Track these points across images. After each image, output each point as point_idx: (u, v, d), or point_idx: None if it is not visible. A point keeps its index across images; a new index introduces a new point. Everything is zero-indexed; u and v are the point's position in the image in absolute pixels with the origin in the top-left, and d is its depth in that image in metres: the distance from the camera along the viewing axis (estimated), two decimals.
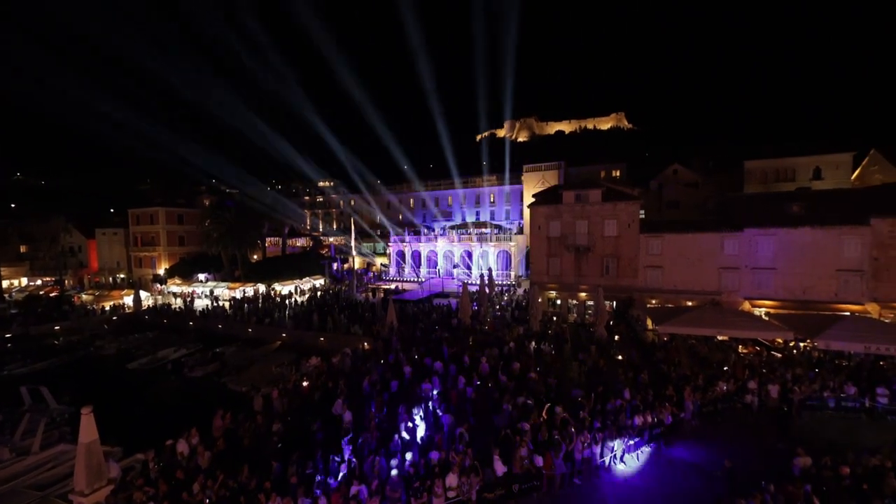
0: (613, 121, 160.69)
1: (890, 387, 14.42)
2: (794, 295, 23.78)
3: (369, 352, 20.85)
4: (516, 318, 26.33)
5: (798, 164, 36.42)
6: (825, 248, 23.53)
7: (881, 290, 22.32)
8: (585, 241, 29.57)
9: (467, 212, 53.89)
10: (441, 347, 19.41)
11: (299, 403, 15.11)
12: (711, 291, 25.34)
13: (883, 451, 10.58)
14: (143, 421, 16.58)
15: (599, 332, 20.88)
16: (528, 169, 46.50)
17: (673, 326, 19.07)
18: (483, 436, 11.92)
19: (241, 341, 28.72)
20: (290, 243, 58.03)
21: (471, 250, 42.58)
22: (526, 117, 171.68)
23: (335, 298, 36.01)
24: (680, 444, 12.89)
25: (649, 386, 15.03)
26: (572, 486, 10.98)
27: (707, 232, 26.42)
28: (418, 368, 17.25)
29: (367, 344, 22.27)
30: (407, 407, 13.14)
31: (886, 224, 22.36)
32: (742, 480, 10.02)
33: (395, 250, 45.88)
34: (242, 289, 40.86)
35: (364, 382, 15.71)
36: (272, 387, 16.48)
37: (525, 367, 16.58)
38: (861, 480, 9.48)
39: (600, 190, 29.88)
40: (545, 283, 30.50)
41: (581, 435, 11.36)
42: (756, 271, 24.95)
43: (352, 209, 60.50)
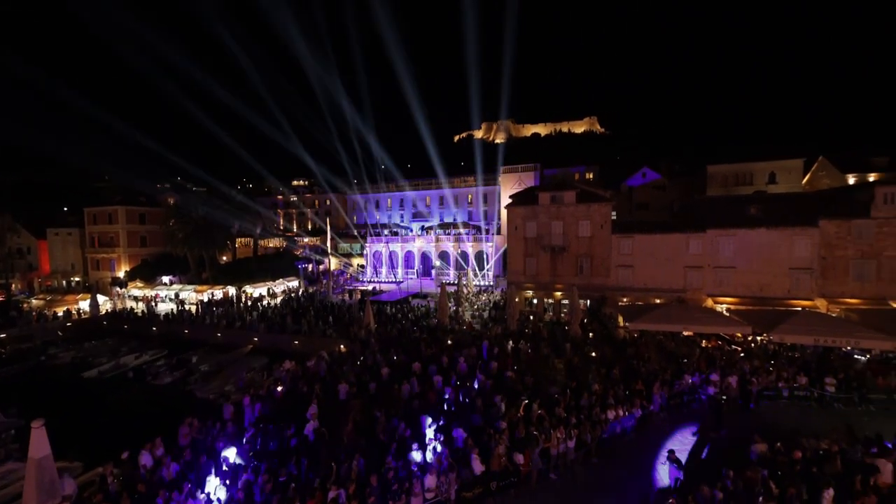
0: (587, 124, 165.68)
1: (836, 376, 15.62)
2: (752, 292, 25.30)
3: (346, 354, 20.50)
4: (494, 317, 26.63)
5: (755, 168, 38.78)
6: (779, 248, 25.18)
7: (828, 287, 24.12)
8: (561, 242, 30.29)
9: (445, 212, 54.00)
10: (419, 348, 19.37)
11: (273, 409, 14.66)
12: (678, 289, 26.57)
13: (830, 435, 11.43)
14: (105, 433, 15.60)
15: (574, 331, 21.44)
16: (505, 170, 47.17)
17: (643, 323, 19.85)
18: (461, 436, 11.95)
19: (209, 346, 27.55)
20: (262, 244, 56.22)
21: (449, 251, 42.69)
22: (503, 119, 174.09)
23: (310, 300, 35.20)
24: (650, 435, 13.42)
25: (621, 381, 15.57)
26: (548, 480, 11.22)
27: (673, 233, 27.68)
28: (396, 369, 17.13)
29: (344, 346, 21.89)
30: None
31: (832, 226, 24.18)
32: (704, 468, 10.59)
33: (372, 251, 45.37)
34: (211, 291, 39.21)
35: (340, 388, 15.42)
36: (243, 393, 15.90)
37: (503, 367, 16.80)
38: (811, 464, 10.20)
39: (574, 191, 30.70)
40: (522, 282, 31.01)
41: (556, 430, 11.63)
42: (718, 270, 26.38)
43: (327, 209, 59.29)
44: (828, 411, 14.64)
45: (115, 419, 17.55)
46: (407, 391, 14.66)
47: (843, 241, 24.01)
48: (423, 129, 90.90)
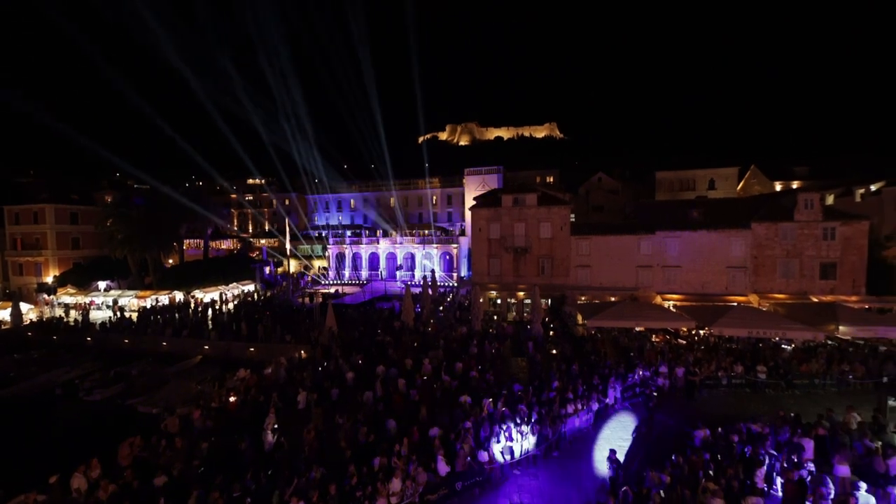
0: (547, 130, 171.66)
1: (766, 364, 17.24)
2: (695, 289, 27.37)
3: (306, 360, 19.73)
4: (459, 318, 26.79)
5: (697, 175, 42.08)
6: (718, 249, 27.46)
7: (759, 283, 26.64)
8: (523, 243, 31.10)
9: (410, 214, 53.68)
10: (384, 351, 19.06)
11: (225, 422, 13.77)
12: (631, 287, 28.16)
13: (762, 418, 12.57)
14: (31, 457, 13.88)
15: (536, 329, 22.06)
16: (469, 172, 47.73)
17: (599, 320, 20.83)
18: (427, 437, 11.88)
19: (153, 357, 25.39)
20: (213, 246, 52.87)
21: (414, 252, 42.46)
22: (467, 122, 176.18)
23: (268, 305, 33.55)
24: (607, 426, 14.07)
25: (580, 376, 16.21)
26: (512, 477, 11.42)
27: (626, 234, 29.36)
28: (361, 374, 16.73)
29: (304, 352, 21.05)
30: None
31: (762, 228, 26.75)
32: (654, 455, 11.27)
33: (335, 253, 44.12)
34: (155, 297, 36.24)
35: (299, 395, 14.80)
36: (192, 406, 14.80)
37: (467, 367, 16.92)
38: (746, 445, 11.16)
39: (536, 194, 31.68)
40: (486, 283, 31.47)
41: (519, 427, 11.87)
42: (666, 269, 28.30)
43: (287, 209, 56.89)
44: (760, 396, 16.11)
45: (40, 442, 15.66)
46: (370, 396, 14.34)
47: (771, 242, 26.63)
48: (385, 130, 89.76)
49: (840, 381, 16.51)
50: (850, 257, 25.42)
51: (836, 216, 26.28)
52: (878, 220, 28.07)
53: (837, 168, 39.55)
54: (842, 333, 18.47)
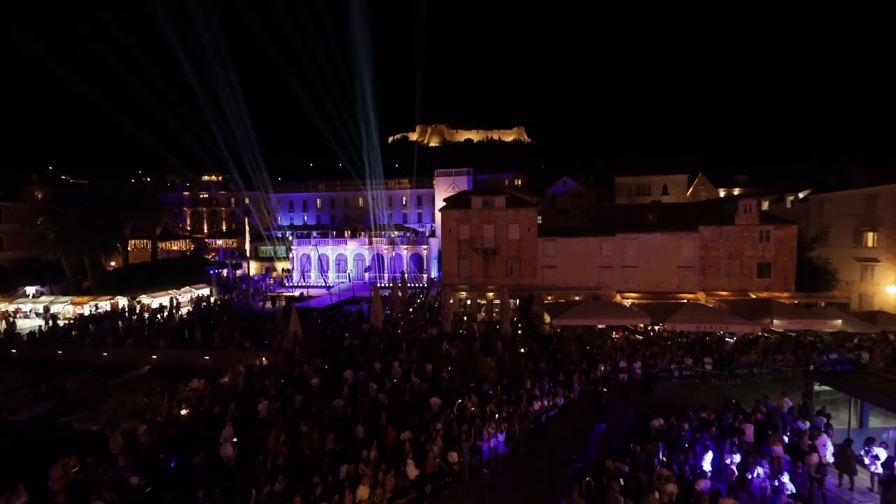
0: (516, 134, 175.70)
1: (712, 356, 18.65)
2: (650, 287, 29.09)
3: (268, 367, 18.85)
4: (429, 319, 26.74)
5: (652, 181, 44.78)
6: (670, 250, 29.38)
7: (706, 282, 28.79)
8: (493, 244, 31.62)
9: (379, 214, 52.96)
10: (352, 355, 18.63)
11: (176, 436, 12.84)
12: (593, 287, 29.45)
13: (709, 406, 13.57)
14: None
15: (505, 329, 22.47)
16: (439, 174, 47.86)
17: (564, 319, 21.61)
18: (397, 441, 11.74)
19: (92, 369, 23.15)
20: (163, 246, 49.28)
21: (383, 253, 41.89)
22: (437, 123, 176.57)
23: (225, 310, 31.71)
24: (572, 421, 14.58)
25: (546, 374, 16.70)
26: (481, 476, 11.53)
27: (589, 236, 30.70)
28: (327, 379, 16.23)
29: (266, 359, 20.11)
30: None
31: (709, 231, 28.94)
32: (615, 445, 11.84)
33: (300, 254, 42.59)
34: (94, 303, 33.12)
35: (260, 405, 14.10)
36: (137, 421, 13.66)
37: (437, 368, 16.91)
38: (695, 431, 12.00)
39: (505, 196, 32.34)
40: (456, 284, 31.65)
41: (488, 426, 12.03)
42: (625, 269, 29.87)
43: (246, 208, 54.18)
44: (707, 386, 17.40)
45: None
46: (339, 403, 13.94)
47: (716, 243, 28.87)
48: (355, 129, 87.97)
49: (774, 369, 18.20)
50: (782, 258, 28.11)
51: (770, 220, 28.98)
52: (805, 224, 31.25)
53: (772, 176, 43.69)
54: (775, 326, 20.41)
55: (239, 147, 52.66)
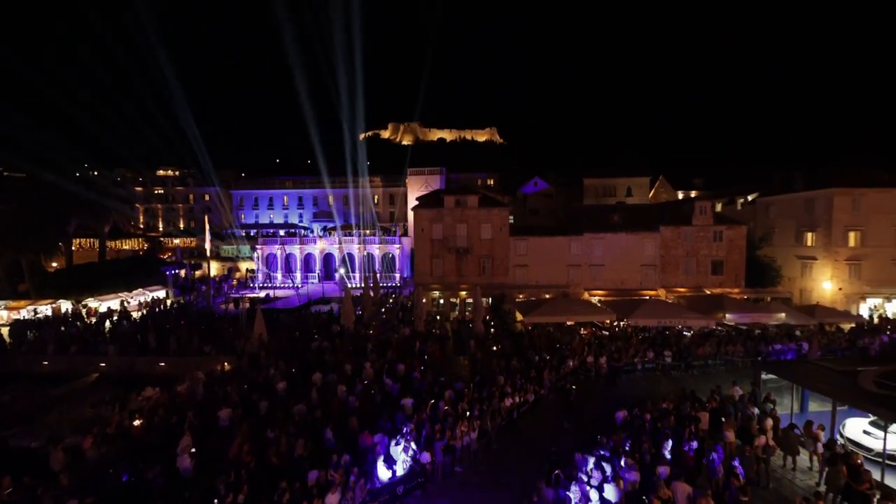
0: (488, 134, 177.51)
1: (671, 349, 19.67)
2: (615, 285, 30.31)
3: (230, 372, 17.98)
4: (402, 319, 26.50)
5: (617, 183, 46.67)
6: (634, 249, 30.74)
7: (667, 279, 30.37)
8: (465, 243, 31.79)
9: (350, 212, 51.88)
10: (321, 357, 18.12)
11: (127, 449, 11.97)
12: (562, 285, 30.30)
13: (668, 397, 14.30)
14: None
15: (477, 328, 22.65)
16: (412, 172, 47.52)
17: (535, 317, 22.08)
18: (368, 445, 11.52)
19: (31, 379, 21.16)
20: (112, 246, 45.85)
21: (354, 253, 41.09)
22: (410, 121, 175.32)
23: (183, 313, 29.95)
24: (543, 416, 14.90)
25: (518, 371, 16.98)
26: (454, 474, 11.55)
27: (559, 236, 31.55)
28: (294, 383, 15.68)
29: (228, 363, 19.17)
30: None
31: (669, 231, 30.53)
32: (584, 437, 12.24)
33: (265, 253, 40.96)
34: (32, 307, 30.31)
35: (222, 413, 13.41)
36: (83, 434, 12.61)
37: (410, 368, 16.77)
38: (656, 421, 12.61)
39: (477, 196, 32.60)
40: (429, 283, 31.57)
41: (461, 424, 12.06)
42: (592, 267, 30.94)
43: (207, 205, 51.48)
44: (667, 378, 18.33)
45: None
46: (303, 409, 13.50)
47: (675, 243, 30.50)
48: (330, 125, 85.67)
49: (727, 360, 19.47)
50: (734, 256, 30.13)
51: (723, 221, 30.98)
52: (753, 224, 33.66)
53: (726, 180, 46.73)
54: (727, 320, 21.86)
55: (199, 141, 49.84)
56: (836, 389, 11.79)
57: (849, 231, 28.46)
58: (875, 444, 10.65)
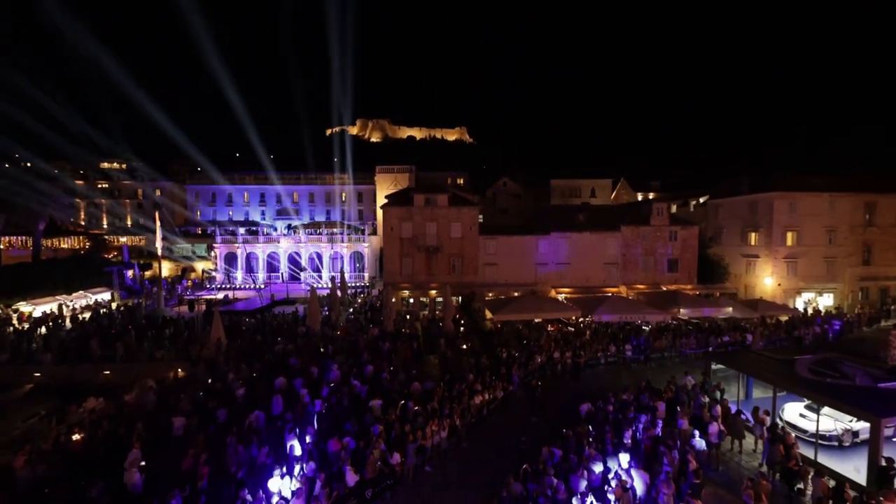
0: (458, 133, 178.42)
1: (632, 343, 20.65)
2: (580, 282, 31.40)
3: (184, 380, 16.87)
4: (370, 319, 26.02)
5: (582, 184, 48.42)
6: (597, 248, 31.99)
7: (627, 277, 31.85)
8: (435, 242, 31.70)
9: (317, 210, 50.28)
10: (286, 361, 17.40)
11: (67, 467, 10.90)
12: (530, 283, 30.98)
13: (629, 389, 14.97)
14: None
15: (447, 326, 22.65)
16: (381, 170, 46.76)
17: (504, 315, 22.41)
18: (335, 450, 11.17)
19: None
20: (48, 244, 41.71)
21: (321, 252, 39.88)
22: (379, 118, 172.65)
23: (130, 317, 27.78)
24: (511, 412, 15.12)
25: (488, 368, 17.13)
26: (424, 474, 11.45)
27: (527, 235, 32.22)
28: (256, 389, 14.94)
29: (182, 370, 17.98)
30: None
31: (629, 230, 32.03)
32: (551, 430, 12.56)
33: (224, 253, 38.86)
34: None
35: (175, 422, 12.54)
36: (14, 452, 11.35)
37: (378, 369, 16.48)
38: (618, 412, 13.16)
39: (447, 195, 32.61)
40: (399, 282, 31.21)
41: (431, 423, 11.99)
42: (559, 265, 31.88)
43: (158, 201, 48.05)
44: (628, 370, 19.21)
45: None
46: (262, 417, 12.90)
47: (635, 242, 32.05)
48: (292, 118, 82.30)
49: (681, 352, 20.70)
50: (687, 255, 32.11)
51: (677, 222, 32.91)
52: (704, 225, 36.02)
53: (681, 182, 49.73)
54: (682, 315, 23.24)
55: (149, 132, 46.33)
56: (776, 377, 12.83)
57: (787, 231, 31.15)
58: (810, 426, 11.68)
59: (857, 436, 11.52)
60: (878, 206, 31.23)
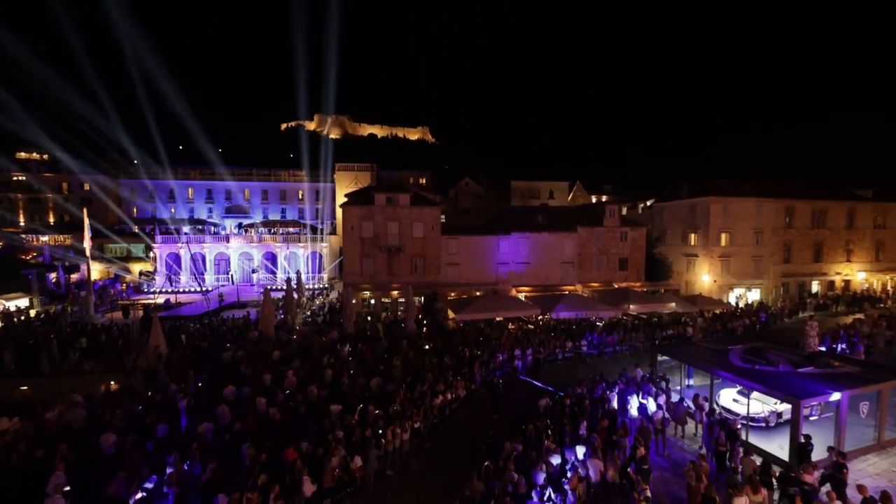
0: (420, 133, 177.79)
1: (586, 338, 21.62)
2: (540, 281, 32.45)
3: (118, 393, 15.26)
4: (329, 322, 25.11)
5: (540, 186, 50.12)
6: (556, 247, 33.23)
7: (583, 275, 33.37)
8: (397, 242, 31.27)
9: (270, 208, 47.78)
10: (236, 369, 16.28)
11: None
12: (492, 282, 31.50)
13: (584, 382, 15.62)
14: None
15: (409, 327, 22.39)
16: (341, 168, 45.38)
17: (467, 314, 22.57)
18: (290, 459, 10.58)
19: None
20: None
21: (275, 252, 37.95)
22: (339, 114, 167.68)
23: (54, 324, 24.74)
24: (473, 410, 15.21)
25: (450, 368, 17.12)
26: (385, 479, 11.18)
27: (489, 235, 32.74)
28: (202, 400, 13.83)
29: (115, 383, 16.26)
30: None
31: (585, 231, 33.58)
32: (510, 427, 12.78)
33: (165, 253, 35.80)
34: None
35: (106, 441, 11.27)
36: None
37: (338, 373, 15.90)
38: (574, 406, 13.68)
39: (409, 195, 32.30)
40: (359, 283, 30.43)
41: (393, 427, 11.74)
42: (519, 265, 32.70)
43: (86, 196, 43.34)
44: (584, 364, 20.07)
45: None
46: (210, 428, 11.98)
47: (589, 242, 33.66)
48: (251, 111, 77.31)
49: (631, 346, 21.99)
50: (636, 254, 34.26)
51: (627, 223, 35.02)
52: (651, 226, 38.62)
53: (630, 186, 53.05)
54: (632, 310, 24.73)
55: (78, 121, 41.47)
56: (713, 366, 13.98)
57: (721, 233, 34.22)
58: (741, 410, 12.84)
59: (780, 417, 12.84)
60: (796, 211, 35.24)
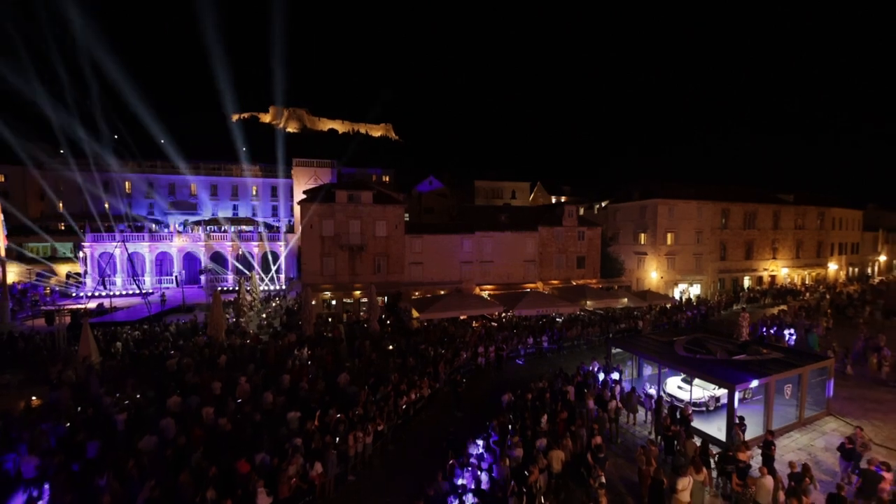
0: (383, 130, 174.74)
1: (547, 334, 22.31)
2: (502, 279, 33.07)
3: (41, 408, 13.52)
4: (287, 324, 23.94)
5: (504, 186, 51.13)
6: (518, 246, 34.02)
7: (544, 273, 34.45)
8: (359, 241, 30.46)
9: (220, 204, 44.73)
10: (180, 377, 15.00)
11: None
12: (456, 281, 31.62)
13: (545, 376, 16.08)
14: None
15: (373, 327, 21.88)
16: (298, 163, 43.45)
17: (430, 313, 22.44)
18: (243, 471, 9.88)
19: None
20: None
21: (225, 251, 35.60)
22: (297, 107, 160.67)
23: None
24: (437, 409, 15.13)
25: (415, 368, 16.91)
26: (347, 483, 10.79)
27: (453, 234, 32.82)
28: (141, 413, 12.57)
29: (36, 399, 14.40)
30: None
31: (545, 231, 34.69)
32: (475, 423, 12.84)
33: (97, 253, 32.39)
34: None
35: (26, 463, 9.91)
36: None
37: (296, 378, 15.15)
38: (535, 399, 14.03)
39: (372, 192, 31.57)
40: (319, 283, 29.30)
41: (356, 430, 11.35)
42: (482, 263, 33.11)
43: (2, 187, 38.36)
44: (545, 359, 20.69)
45: None
46: (154, 442, 10.93)
47: (550, 241, 34.82)
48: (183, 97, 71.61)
49: (588, 340, 23.01)
50: (592, 252, 35.93)
51: (585, 223, 36.63)
52: (606, 226, 40.71)
53: (588, 187, 55.53)
54: (588, 306, 25.87)
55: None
56: (660, 356, 14.93)
57: (667, 233, 36.79)
58: (685, 396, 13.82)
59: (718, 401, 13.98)
60: (730, 212, 38.72)
